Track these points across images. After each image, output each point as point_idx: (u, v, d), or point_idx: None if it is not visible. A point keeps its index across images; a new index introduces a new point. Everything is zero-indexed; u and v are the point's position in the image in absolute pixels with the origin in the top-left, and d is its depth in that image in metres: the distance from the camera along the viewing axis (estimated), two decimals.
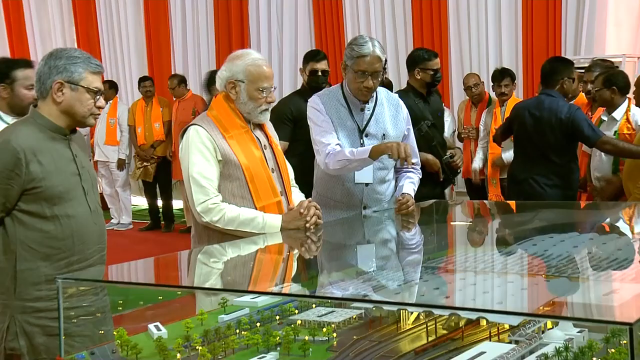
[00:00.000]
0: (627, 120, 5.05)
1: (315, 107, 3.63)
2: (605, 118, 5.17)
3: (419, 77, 4.87)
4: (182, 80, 9.18)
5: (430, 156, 4.63)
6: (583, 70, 6.18)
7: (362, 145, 3.57)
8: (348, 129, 3.60)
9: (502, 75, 6.81)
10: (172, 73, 9.94)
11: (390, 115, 3.68)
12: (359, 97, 3.58)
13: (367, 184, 3.61)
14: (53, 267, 2.66)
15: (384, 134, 3.63)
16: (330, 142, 3.53)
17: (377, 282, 2.54)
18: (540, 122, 4.86)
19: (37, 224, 2.66)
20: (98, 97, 2.73)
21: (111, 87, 9.31)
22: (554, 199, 4.77)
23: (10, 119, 3.44)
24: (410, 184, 3.68)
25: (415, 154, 3.76)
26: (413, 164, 3.67)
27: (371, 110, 3.63)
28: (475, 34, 8.34)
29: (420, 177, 3.81)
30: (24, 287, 2.65)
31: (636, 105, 5.04)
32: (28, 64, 3.68)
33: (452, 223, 4.07)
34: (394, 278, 2.66)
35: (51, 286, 2.57)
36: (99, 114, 2.80)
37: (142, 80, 9.39)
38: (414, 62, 4.94)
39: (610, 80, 5.03)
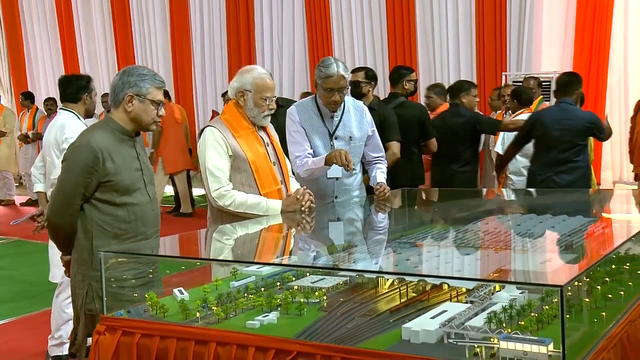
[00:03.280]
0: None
1: (291, 118, 3.59)
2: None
3: (406, 87, 5.13)
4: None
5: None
6: (521, 83, 6.30)
7: (332, 146, 3.55)
8: (320, 133, 3.56)
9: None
10: (192, 85, 9.90)
11: (356, 120, 3.63)
12: (328, 109, 3.56)
13: (337, 179, 3.56)
14: (121, 244, 2.64)
15: (350, 136, 3.59)
16: (299, 154, 3.50)
17: (360, 255, 2.53)
18: (566, 127, 4.54)
19: (109, 210, 2.64)
20: (160, 107, 2.72)
21: None
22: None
23: (88, 122, 3.60)
24: (381, 173, 3.67)
25: (379, 148, 3.76)
26: (377, 157, 3.71)
27: (339, 117, 3.58)
28: (439, 52, 8.36)
29: (387, 166, 3.79)
30: (99, 260, 2.62)
31: None
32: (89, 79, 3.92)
33: (420, 207, 4.07)
34: (373, 251, 2.66)
35: None
36: (159, 121, 2.77)
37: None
38: (401, 75, 5.17)
39: (515, 94, 5.62)
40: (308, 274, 2.57)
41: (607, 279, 2.30)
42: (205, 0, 10.40)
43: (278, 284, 2.50)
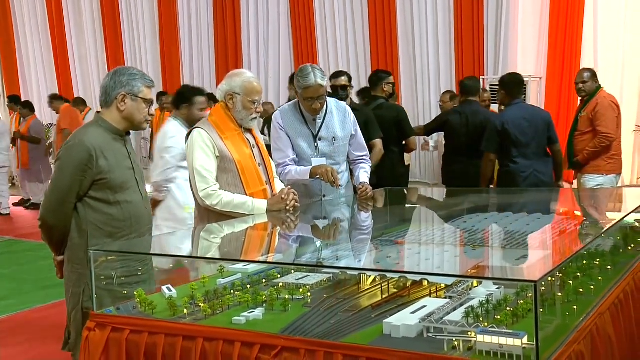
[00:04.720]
0: None
1: (275, 124, 3.58)
2: None
3: (385, 89, 5.25)
4: (162, 94, 9.06)
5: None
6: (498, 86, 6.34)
7: (316, 147, 3.55)
8: (305, 135, 3.56)
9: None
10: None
11: (339, 121, 3.62)
12: (310, 114, 3.56)
13: None
14: (116, 243, 2.61)
15: (334, 137, 3.58)
16: (282, 161, 3.51)
17: (343, 252, 2.53)
18: (536, 125, 4.72)
19: (103, 209, 2.61)
20: (150, 106, 2.69)
21: None
22: (552, 184, 4.77)
23: (185, 129, 3.76)
24: (364, 173, 3.67)
25: (363, 147, 3.76)
26: (361, 156, 3.69)
27: (322, 119, 3.57)
28: (419, 56, 8.40)
29: (370, 165, 3.80)
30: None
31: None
32: (201, 92, 4.14)
33: (402, 205, 4.08)
34: (356, 249, 2.66)
35: None
36: (150, 120, 2.75)
37: (160, 95, 9.20)
38: (379, 79, 5.31)
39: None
40: (293, 271, 2.56)
41: (578, 274, 2.32)
42: (193, 5, 10.38)
43: (263, 281, 2.49)
